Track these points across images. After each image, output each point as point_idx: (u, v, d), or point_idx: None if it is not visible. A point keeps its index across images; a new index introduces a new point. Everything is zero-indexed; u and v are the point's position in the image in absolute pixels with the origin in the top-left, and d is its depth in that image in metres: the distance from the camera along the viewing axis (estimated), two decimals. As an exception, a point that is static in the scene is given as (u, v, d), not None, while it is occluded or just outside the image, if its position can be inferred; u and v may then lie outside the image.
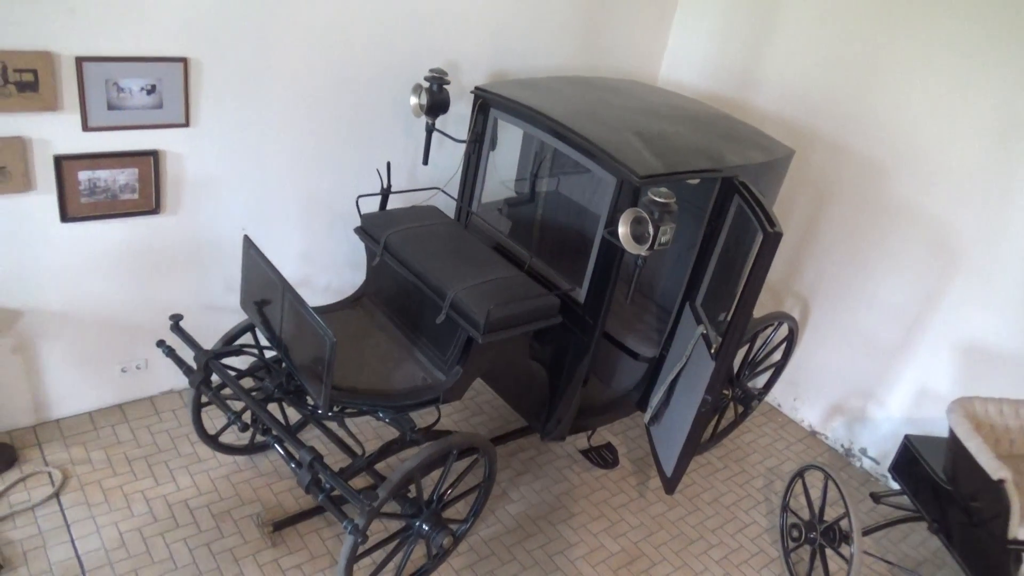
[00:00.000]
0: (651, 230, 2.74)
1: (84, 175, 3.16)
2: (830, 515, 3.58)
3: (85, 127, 3.06)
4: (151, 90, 3.15)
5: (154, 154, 3.28)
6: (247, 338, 3.37)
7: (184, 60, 3.16)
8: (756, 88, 4.52)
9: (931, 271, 3.94)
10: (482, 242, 3.58)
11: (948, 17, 3.64)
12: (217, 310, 3.82)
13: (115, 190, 3.27)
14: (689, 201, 3.89)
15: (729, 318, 3.08)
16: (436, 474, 3.09)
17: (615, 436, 4.35)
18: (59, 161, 3.06)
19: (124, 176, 3.26)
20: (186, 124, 3.30)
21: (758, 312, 3.79)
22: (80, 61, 2.92)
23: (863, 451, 4.46)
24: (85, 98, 3.00)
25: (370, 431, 4.00)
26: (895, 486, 3.71)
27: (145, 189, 3.34)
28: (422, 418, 3.97)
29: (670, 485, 3.52)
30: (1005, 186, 3.60)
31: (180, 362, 3.11)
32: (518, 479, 3.91)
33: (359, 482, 3.42)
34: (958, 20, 3.61)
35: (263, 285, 2.96)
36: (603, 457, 4.13)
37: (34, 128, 2.97)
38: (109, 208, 3.29)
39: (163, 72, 3.14)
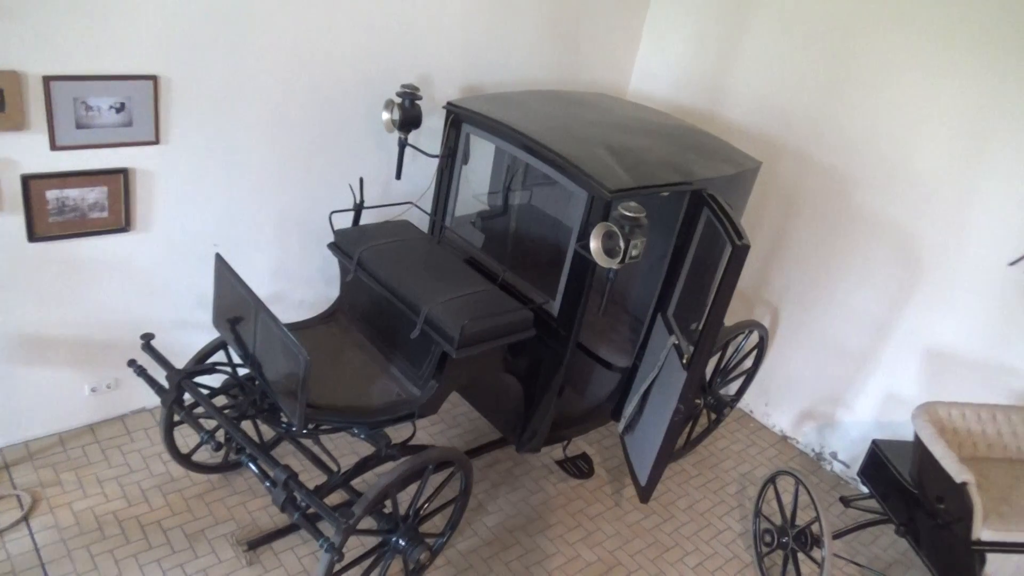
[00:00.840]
0: (622, 244, 2.78)
1: (52, 194, 3.13)
2: (801, 519, 3.64)
3: (53, 146, 3.03)
4: (120, 108, 3.13)
5: (124, 172, 3.26)
6: (220, 356, 3.34)
7: (154, 78, 3.15)
8: (724, 100, 4.60)
9: (896, 279, 4.03)
10: (456, 256, 3.60)
11: (911, 32, 3.74)
12: (189, 328, 3.80)
13: (84, 209, 3.24)
14: (660, 213, 3.93)
15: (700, 329, 3.12)
16: (413, 488, 3.09)
17: (590, 446, 4.38)
18: (26, 181, 3.03)
19: (93, 194, 3.23)
20: (156, 142, 3.28)
21: (729, 320, 3.86)
22: (47, 80, 2.90)
23: (833, 455, 4.55)
24: (53, 117, 2.98)
25: (346, 446, 3.99)
26: (864, 490, 3.78)
27: (115, 207, 3.31)
28: (398, 432, 3.97)
29: (645, 494, 3.56)
30: (966, 196, 3.70)
31: (152, 382, 3.08)
32: (494, 491, 3.92)
33: (335, 498, 3.41)
34: (920, 35, 3.71)
35: (235, 303, 2.95)
36: (579, 467, 4.16)
37: (1, 147, 2.94)
38: (78, 227, 3.26)
39: (132, 90, 3.12)
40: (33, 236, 3.16)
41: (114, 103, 3.10)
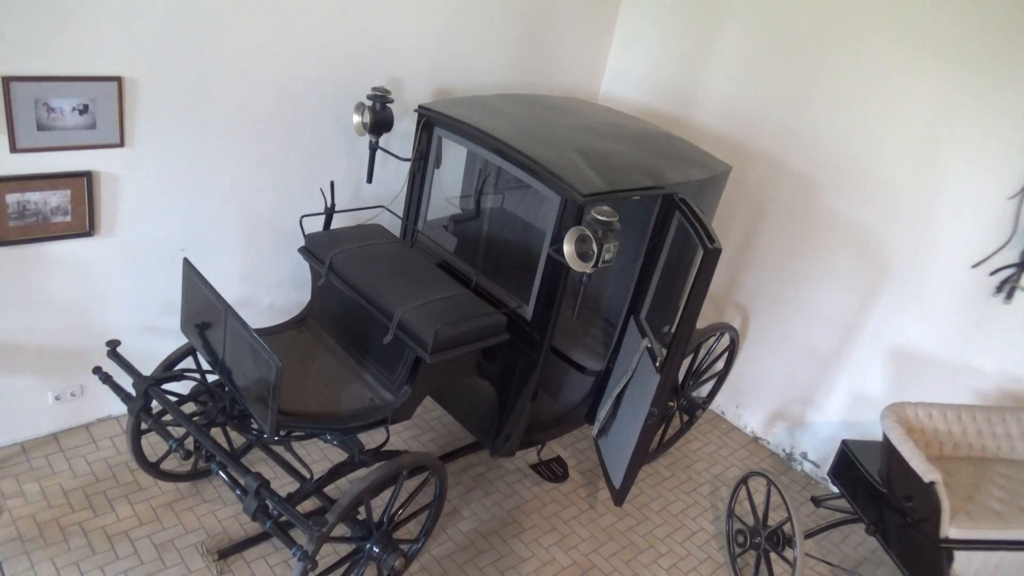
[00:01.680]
0: (595, 248, 2.78)
1: (12, 198, 3.05)
2: (773, 519, 3.68)
3: (13, 148, 2.96)
4: (84, 110, 3.06)
5: (87, 175, 3.19)
6: (189, 362, 3.29)
7: (118, 79, 3.09)
8: (695, 105, 4.64)
9: (863, 281, 4.09)
10: (428, 260, 3.58)
11: (877, 39, 3.80)
12: (157, 333, 3.73)
13: (46, 213, 3.16)
14: (632, 217, 3.96)
15: (673, 332, 3.14)
16: (387, 494, 3.06)
17: (564, 449, 4.38)
18: (-14, 184, 2.96)
19: (56, 198, 3.16)
20: (121, 144, 3.22)
21: (700, 323, 3.88)
22: (7, 81, 2.83)
23: (804, 455, 4.60)
24: (13, 119, 2.90)
25: (318, 452, 3.94)
26: (834, 489, 3.83)
27: (78, 211, 3.24)
28: (372, 437, 3.94)
29: (619, 497, 3.57)
30: (931, 199, 3.77)
31: (118, 389, 3.02)
32: (469, 495, 3.90)
33: (308, 504, 3.37)
34: (886, 43, 3.77)
35: (204, 309, 2.90)
36: (553, 471, 4.16)
37: (-42, 150, 2.87)
38: (40, 231, 3.19)
39: (96, 92, 3.06)
40: (-7, 241, 3.08)
41: (77, 105, 3.03)
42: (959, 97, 3.58)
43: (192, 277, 2.92)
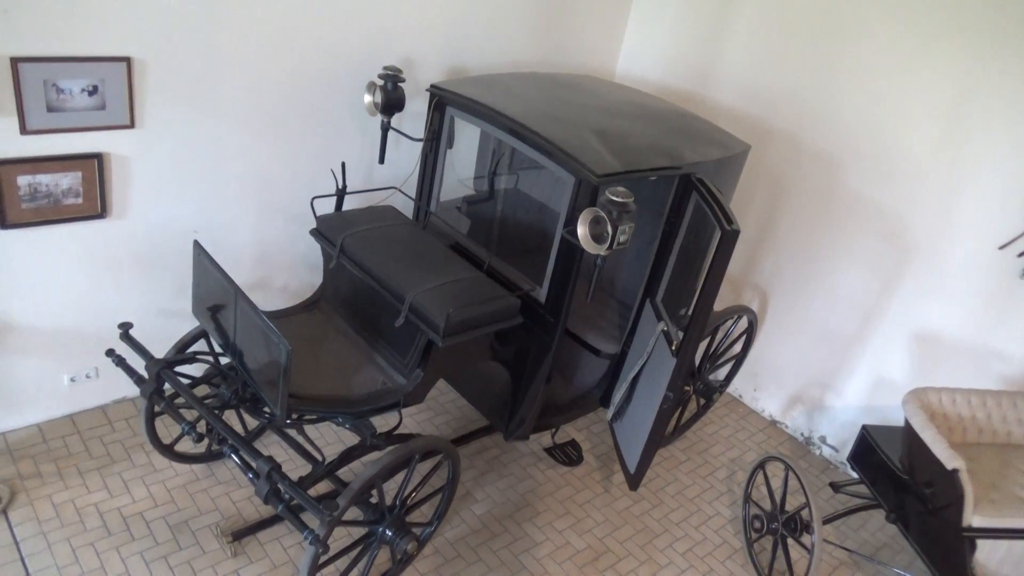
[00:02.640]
0: (610, 230, 2.73)
1: (24, 180, 3.04)
2: (791, 504, 3.63)
3: (23, 130, 2.94)
4: (93, 91, 3.04)
5: (98, 157, 3.17)
6: (201, 344, 3.28)
7: (127, 60, 3.05)
8: (713, 83, 4.54)
9: (885, 263, 4.00)
10: (441, 242, 3.54)
11: (899, 15, 3.68)
12: (169, 315, 3.72)
13: (58, 195, 3.15)
14: (648, 198, 3.89)
15: (690, 315, 3.08)
16: (400, 477, 3.05)
17: (579, 432, 4.35)
18: (-4, 166, 2.95)
19: (67, 180, 3.15)
20: (131, 126, 3.19)
21: (718, 305, 3.82)
22: (15, 62, 2.80)
23: (822, 439, 4.54)
24: (22, 100, 2.88)
25: (332, 434, 3.94)
26: (854, 475, 3.77)
27: (90, 193, 3.22)
28: (385, 420, 3.93)
29: (634, 481, 3.53)
30: (956, 179, 3.66)
31: (131, 372, 3.01)
32: (482, 479, 3.89)
33: (321, 486, 3.37)
34: (908, 18, 3.65)
35: (215, 291, 2.88)
36: (567, 454, 4.13)
37: (-32, 132, 2.85)
38: (52, 214, 3.18)
39: (105, 72, 3.03)
40: (5, 223, 3.07)
41: (86, 86, 3.01)
42: (986, 71, 3.46)
43: (202, 259, 2.90)
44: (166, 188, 3.43)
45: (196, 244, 2.93)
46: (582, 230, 2.79)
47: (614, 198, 2.71)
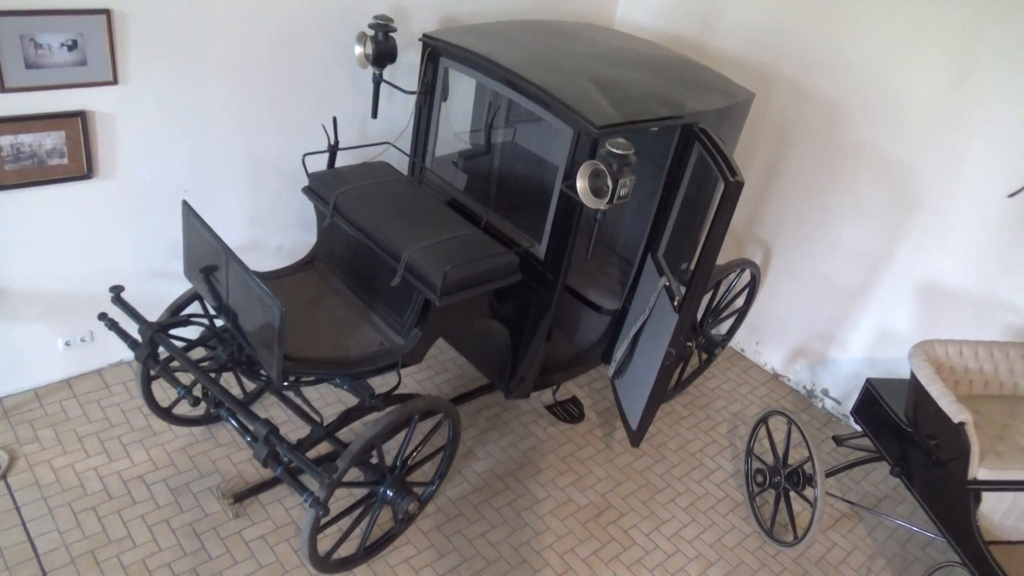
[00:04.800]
0: (610, 183, 2.65)
1: (6, 140, 2.95)
2: (793, 458, 3.62)
3: (2, 88, 2.84)
4: (73, 46, 2.92)
5: (81, 115, 3.07)
6: (195, 307, 3.22)
7: (106, 12, 2.93)
8: (715, 29, 4.39)
9: (891, 212, 3.92)
10: (437, 199, 3.46)
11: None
12: (163, 277, 3.66)
13: (42, 155, 3.06)
14: (649, 149, 3.79)
15: (692, 269, 3.02)
16: (400, 437, 3.02)
17: (580, 389, 4.33)
18: (-25, 126, 2.85)
19: (50, 140, 3.05)
20: (114, 82, 3.09)
21: (720, 259, 3.76)
22: (-11, 16, 2.69)
23: (824, 392, 4.52)
24: (0, 57, 2.77)
25: (331, 395, 3.91)
26: (856, 427, 3.75)
27: (75, 153, 3.13)
28: (384, 380, 3.90)
29: (636, 438, 3.51)
30: (961, 128, 3.56)
31: (124, 335, 2.96)
32: (483, 437, 3.87)
33: (322, 447, 3.35)
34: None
35: (206, 252, 2.81)
36: (568, 411, 4.11)
37: (-56, 91, 2.75)
38: (38, 175, 3.10)
39: (84, 26, 2.91)
40: (-11, 185, 2.99)
41: (65, 40, 2.89)
42: (997, 13, 3.33)
43: (192, 220, 2.82)
44: (153, 146, 3.34)
45: (185, 204, 2.85)
46: (581, 184, 2.70)
47: (614, 150, 2.63)
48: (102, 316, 3.02)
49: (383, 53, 3.46)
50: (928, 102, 3.65)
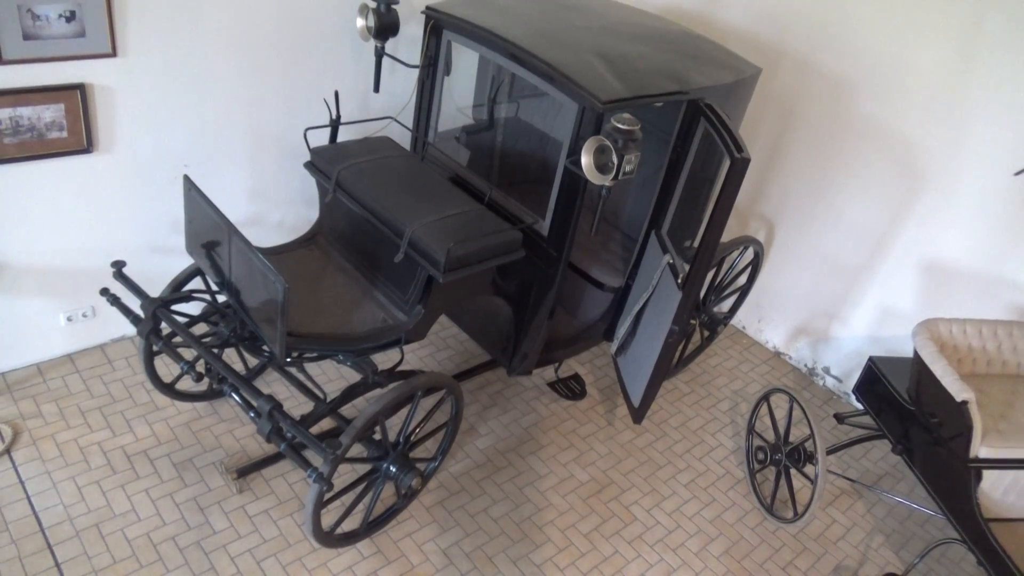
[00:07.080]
0: (615, 159, 2.62)
1: (4, 113, 2.91)
2: (795, 435, 3.63)
3: (0, 60, 2.80)
4: (71, 17, 2.88)
5: (80, 87, 3.03)
6: (198, 282, 3.21)
7: (105, -18, 2.89)
8: (722, 3, 4.33)
9: (896, 190, 3.89)
10: (440, 174, 3.43)
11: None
12: (165, 252, 3.65)
13: (41, 128, 3.03)
14: (654, 125, 3.76)
15: (696, 247, 3.00)
16: (403, 413, 3.03)
17: (582, 366, 4.33)
18: (-27, 99, 2.82)
19: (49, 113, 3.02)
20: (113, 54, 3.04)
21: (724, 236, 3.73)
22: (-15, -14, 2.65)
23: (826, 370, 4.52)
24: (-4, 28, 2.74)
25: (334, 371, 3.91)
26: (858, 406, 3.76)
27: (74, 126, 3.10)
28: (387, 356, 3.90)
29: (638, 415, 3.52)
30: (969, 103, 3.52)
31: (126, 311, 2.95)
32: (486, 413, 3.88)
33: (325, 423, 3.36)
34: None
35: (208, 227, 2.80)
36: (571, 388, 4.12)
37: (-59, 63, 2.72)
38: (38, 148, 3.07)
39: (82, -4, 2.87)
40: (-11, 159, 2.97)
41: (63, 11, 2.85)
42: (1013, -12, 3.29)
43: (193, 195, 2.80)
44: (154, 120, 3.30)
45: (186, 179, 2.83)
46: (586, 160, 2.68)
47: (619, 126, 2.60)
48: (104, 291, 3.01)
49: (385, 26, 3.41)
50: (935, 78, 3.61)
